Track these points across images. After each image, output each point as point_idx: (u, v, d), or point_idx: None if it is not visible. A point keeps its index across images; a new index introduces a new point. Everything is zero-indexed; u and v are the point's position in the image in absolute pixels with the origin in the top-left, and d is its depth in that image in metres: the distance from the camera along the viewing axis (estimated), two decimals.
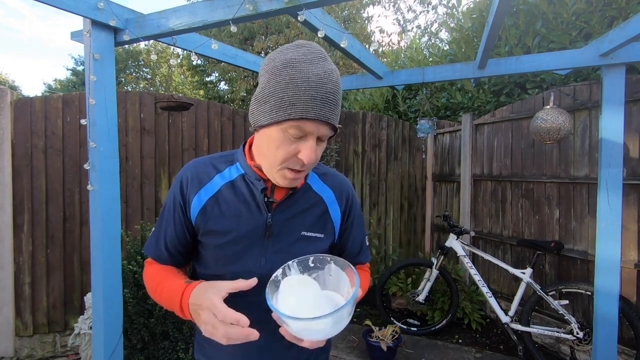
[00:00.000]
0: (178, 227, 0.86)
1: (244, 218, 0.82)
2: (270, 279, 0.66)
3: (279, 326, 0.84)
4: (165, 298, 0.80)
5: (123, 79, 15.24)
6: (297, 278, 0.70)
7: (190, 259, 0.92)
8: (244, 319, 0.64)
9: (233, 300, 0.82)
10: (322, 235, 0.87)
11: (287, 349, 0.85)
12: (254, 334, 0.65)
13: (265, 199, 0.83)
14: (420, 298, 3.16)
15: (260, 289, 0.82)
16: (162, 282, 0.83)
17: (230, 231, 0.82)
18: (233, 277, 0.80)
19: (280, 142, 0.73)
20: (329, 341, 0.98)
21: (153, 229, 0.92)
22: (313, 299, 0.68)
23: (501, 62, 2.27)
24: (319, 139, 0.76)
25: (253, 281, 0.68)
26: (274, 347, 0.84)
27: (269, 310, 0.82)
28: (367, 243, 1.03)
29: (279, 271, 0.68)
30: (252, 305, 0.82)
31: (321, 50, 0.73)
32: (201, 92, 11.10)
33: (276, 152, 0.74)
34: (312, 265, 0.72)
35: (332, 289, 0.72)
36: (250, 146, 0.88)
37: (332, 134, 0.78)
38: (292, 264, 0.72)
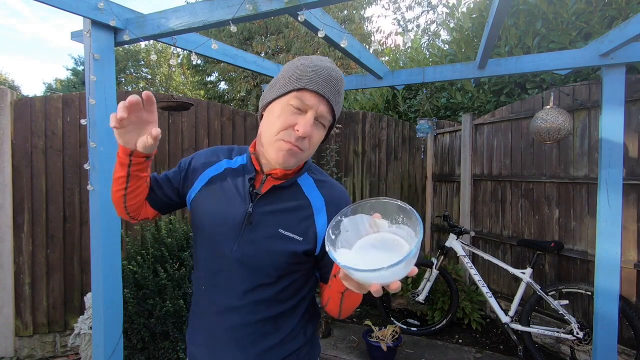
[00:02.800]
0: (170, 180, 0.98)
1: (230, 203, 0.89)
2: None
3: (254, 312, 0.88)
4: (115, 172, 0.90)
5: (123, 79, 15.23)
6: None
7: (159, 207, 1.00)
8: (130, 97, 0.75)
9: (208, 284, 0.91)
10: (300, 239, 0.85)
11: (262, 334, 0.88)
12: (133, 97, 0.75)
13: (251, 189, 0.88)
14: (420, 298, 3.16)
15: (234, 278, 0.87)
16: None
17: (216, 213, 0.89)
18: (206, 256, 0.91)
19: (280, 112, 0.82)
20: (311, 344, 0.96)
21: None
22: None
23: (501, 62, 2.27)
24: (318, 121, 0.83)
25: (157, 131, 0.79)
26: (244, 330, 0.87)
27: (243, 297, 0.86)
28: None
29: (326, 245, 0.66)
30: (228, 292, 0.88)
31: (331, 61, 0.87)
32: (201, 92, 11.11)
33: (275, 122, 0.81)
34: (333, 237, 0.68)
35: (353, 241, 0.68)
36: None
37: (331, 120, 0.85)
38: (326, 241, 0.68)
